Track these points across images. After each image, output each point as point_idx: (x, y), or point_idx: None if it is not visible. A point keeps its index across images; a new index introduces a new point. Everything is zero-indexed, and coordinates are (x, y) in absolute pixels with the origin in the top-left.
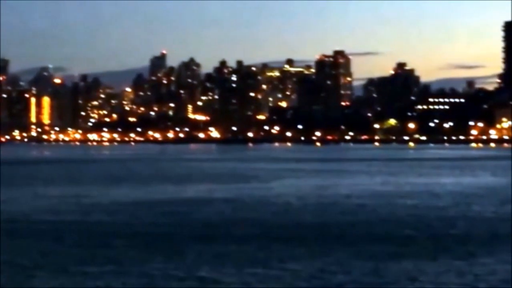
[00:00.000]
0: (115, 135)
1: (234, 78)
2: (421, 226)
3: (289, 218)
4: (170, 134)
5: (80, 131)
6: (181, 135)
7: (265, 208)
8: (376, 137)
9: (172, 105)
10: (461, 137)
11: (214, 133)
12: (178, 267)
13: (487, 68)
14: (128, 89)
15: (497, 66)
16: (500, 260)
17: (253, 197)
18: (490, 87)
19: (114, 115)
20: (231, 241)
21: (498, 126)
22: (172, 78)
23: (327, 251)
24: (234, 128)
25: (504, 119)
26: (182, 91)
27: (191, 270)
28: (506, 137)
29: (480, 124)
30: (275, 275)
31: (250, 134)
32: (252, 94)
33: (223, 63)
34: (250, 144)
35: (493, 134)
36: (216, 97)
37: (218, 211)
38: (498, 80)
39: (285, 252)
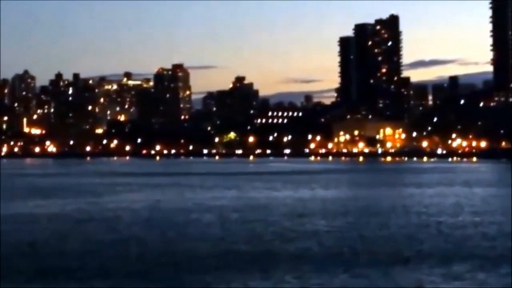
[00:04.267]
0: None
1: (70, 91)
2: (254, 240)
3: (118, 233)
4: (4, 149)
5: None
6: (16, 149)
7: (93, 223)
8: (216, 151)
9: (6, 118)
10: (300, 151)
11: (51, 147)
12: None
13: (324, 82)
14: None
15: (334, 80)
16: (332, 276)
17: (84, 212)
18: (328, 101)
19: None
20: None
21: (335, 139)
22: (6, 91)
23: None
24: (71, 142)
25: (341, 133)
26: (16, 104)
27: None
28: (343, 151)
29: (318, 138)
30: None
31: (88, 148)
32: (89, 107)
33: (59, 76)
34: (88, 158)
35: (330, 147)
36: (52, 110)
37: (43, 228)
38: (335, 94)
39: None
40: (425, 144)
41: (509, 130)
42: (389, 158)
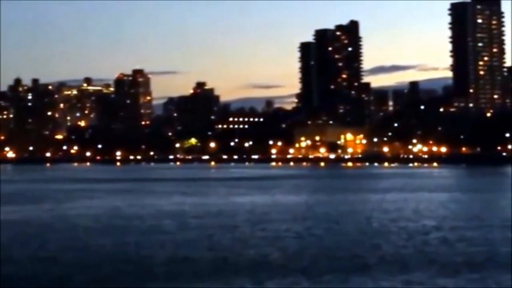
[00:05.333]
0: None
1: (30, 96)
2: (214, 247)
3: (76, 240)
4: None
5: None
6: None
7: (51, 230)
8: (178, 156)
9: None
10: (261, 156)
11: (10, 153)
12: None
13: (285, 88)
14: None
15: (295, 86)
16: (292, 283)
17: (43, 218)
18: (288, 107)
19: None
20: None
21: (296, 145)
22: None
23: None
24: (31, 148)
25: (302, 138)
26: None
27: None
28: (305, 156)
29: (279, 143)
30: None
31: (48, 154)
32: (49, 113)
33: (18, 81)
34: (48, 164)
35: (292, 153)
36: (11, 116)
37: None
38: (296, 100)
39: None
40: (385, 149)
41: (469, 135)
42: (350, 164)
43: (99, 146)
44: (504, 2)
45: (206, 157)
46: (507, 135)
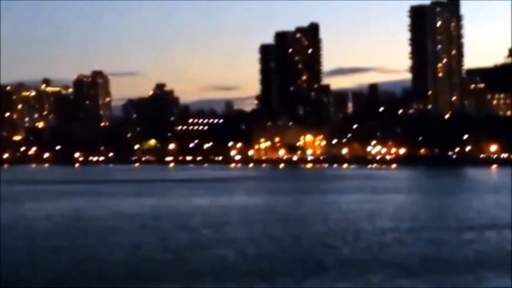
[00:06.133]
0: None
1: None
2: (172, 248)
3: (33, 242)
4: None
5: None
6: None
7: (8, 232)
8: (137, 158)
9: None
10: (221, 158)
11: None
12: None
13: (245, 89)
14: None
15: (255, 87)
16: (249, 284)
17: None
18: (248, 108)
19: None
20: None
21: (256, 146)
22: None
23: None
24: None
25: (262, 140)
26: None
27: None
28: (264, 158)
29: (239, 145)
30: None
31: (6, 156)
32: (7, 114)
33: None
34: (6, 166)
35: (251, 154)
36: None
37: None
38: (256, 102)
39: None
40: (345, 151)
41: (427, 137)
42: (309, 165)
43: (58, 147)
44: (463, 5)
45: (169, 158)
46: (465, 137)
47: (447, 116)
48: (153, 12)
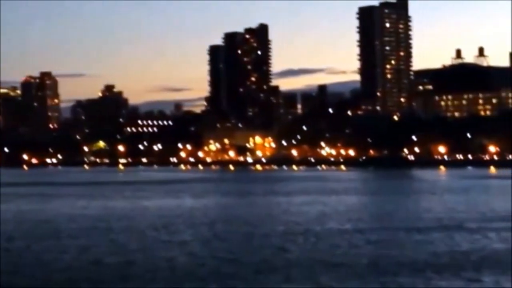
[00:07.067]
0: None
1: None
2: (119, 251)
3: None
4: None
5: None
6: None
7: None
8: (86, 160)
9: None
10: (171, 159)
11: None
12: None
13: (194, 91)
14: None
15: (204, 89)
16: (197, 286)
17: None
18: (198, 110)
19: None
20: None
21: (206, 148)
22: None
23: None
24: None
25: (211, 142)
26: None
27: None
28: (213, 160)
29: (189, 147)
30: None
31: None
32: None
33: None
34: None
35: (201, 156)
36: None
37: None
38: (205, 103)
39: None
40: (294, 152)
41: (376, 138)
42: (259, 167)
43: (6, 149)
44: (412, 6)
45: (123, 160)
46: (414, 138)
47: (395, 118)
48: (101, 13)
